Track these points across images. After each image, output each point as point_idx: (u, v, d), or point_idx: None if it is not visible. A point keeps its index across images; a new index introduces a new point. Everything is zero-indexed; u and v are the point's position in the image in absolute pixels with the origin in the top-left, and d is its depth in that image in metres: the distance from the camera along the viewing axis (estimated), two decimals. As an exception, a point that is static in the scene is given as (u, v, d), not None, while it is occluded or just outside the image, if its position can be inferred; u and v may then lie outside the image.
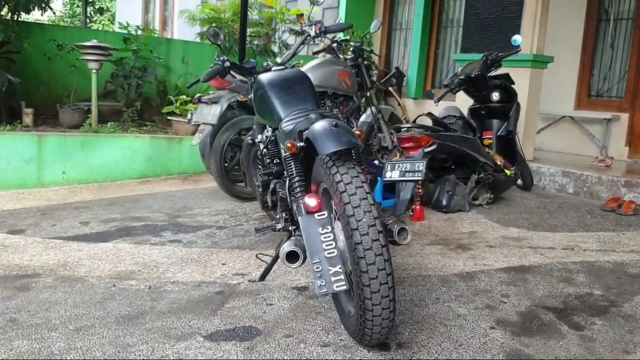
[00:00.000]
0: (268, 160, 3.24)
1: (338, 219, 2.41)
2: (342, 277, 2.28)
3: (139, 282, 3.17)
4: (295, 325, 2.66)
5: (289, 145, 2.53)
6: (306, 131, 2.53)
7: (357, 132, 2.48)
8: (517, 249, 3.84)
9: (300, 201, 2.53)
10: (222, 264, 3.47)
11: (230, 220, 4.43)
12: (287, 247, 2.46)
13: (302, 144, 2.55)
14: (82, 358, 2.33)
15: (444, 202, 4.65)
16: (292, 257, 2.45)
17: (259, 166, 4.00)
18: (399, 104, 8.12)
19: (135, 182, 5.86)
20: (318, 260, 2.29)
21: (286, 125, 2.78)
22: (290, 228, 2.90)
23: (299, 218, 2.35)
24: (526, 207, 5.08)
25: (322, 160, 2.38)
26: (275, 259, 3.14)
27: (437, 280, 3.25)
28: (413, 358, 2.38)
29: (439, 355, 2.41)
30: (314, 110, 2.78)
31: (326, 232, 2.32)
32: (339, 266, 2.29)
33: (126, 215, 4.59)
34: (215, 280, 3.21)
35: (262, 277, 3.19)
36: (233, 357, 2.36)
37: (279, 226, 2.94)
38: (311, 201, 2.32)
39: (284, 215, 2.93)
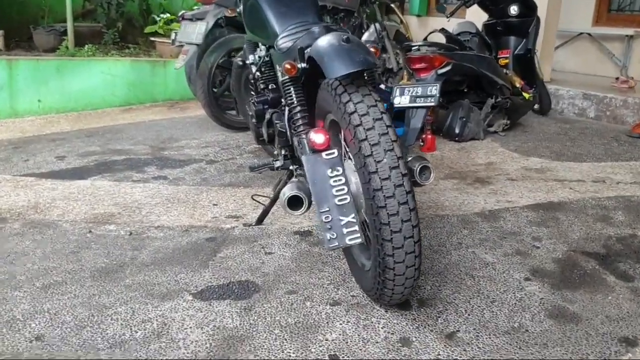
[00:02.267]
0: (262, 86, 2.78)
1: (350, 158, 1.99)
2: (356, 227, 1.88)
3: (118, 227, 2.77)
4: (299, 279, 2.28)
5: (287, 67, 2.06)
6: (309, 49, 2.06)
7: (372, 49, 2.01)
8: (542, 182, 3.45)
9: (304, 136, 2.09)
10: (214, 204, 3.06)
11: (222, 153, 4.00)
12: (288, 191, 2.05)
13: (304, 65, 2.09)
14: (48, 324, 1.95)
15: (457, 130, 4.22)
16: (294, 202, 2.04)
17: (252, 92, 3.55)
18: (401, 22, 7.53)
19: (117, 111, 5.38)
20: (327, 209, 1.88)
21: (283, 42, 2.30)
22: (290, 167, 2.47)
23: (303, 157, 1.92)
24: (545, 133, 4.65)
25: (330, 86, 1.93)
26: (274, 200, 2.74)
27: (456, 221, 2.86)
28: (440, 318, 2.02)
29: (468, 314, 2.05)
30: (317, 23, 2.30)
31: (336, 175, 1.90)
32: (352, 215, 1.89)
33: (106, 147, 4.14)
34: (205, 224, 2.81)
35: (259, 221, 2.79)
36: (228, 320, 2.00)
37: (277, 164, 2.52)
38: (318, 137, 1.88)
39: (282, 151, 2.50)
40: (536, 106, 5.01)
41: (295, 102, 2.14)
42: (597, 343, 1.90)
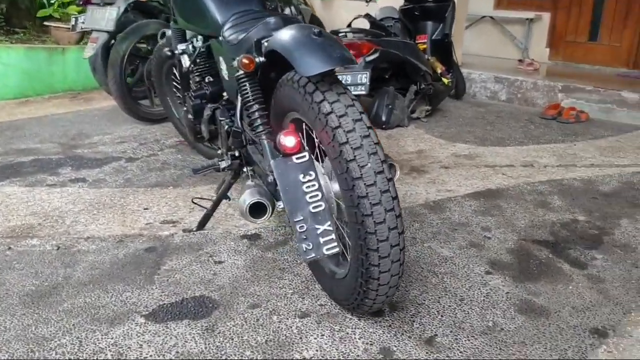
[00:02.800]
0: (198, 79, 2.56)
1: (319, 161, 1.86)
2: (332, 236, 1.76)
3: (42, 240, 2.47)
4: (259, 290, 2.12)
5: (245, 61, 1.88)
6: (268, 41, 1.89)
7: None
8: (475, 169, 3.47)
9: (265, 138, 1.93)
10: (144, 208, 2.81)
11: (141, 149, 3.70)
12: (248, 197, 1.88)
13: (261, 59, 1.92)
14: (-19, 369, 1.68)
15: (384, 118, 4.18)
16: (256, 210, 1.88)
17: (176, 84, 3.31)
18: (306, 3, 7.39)
19: (13, 104, 4.87)
20: (301, 218, 1.74)
21: (231, 33, 2.11)
22: (244, 169, 2.29)
23: (272, 162, 1.76)
24: (464, 118, 4.72)
25: (297, 83, 1.78)
26: (217, 203, 2.54)
27: (405, 215, 2.80)
28: (415, 322, 1.94)
29: (442, 316, 1.99)
30: (265, 12, 2.12)
31: (309, 180, 1.76)
32: (328, 223, 1.76)
33: (9, 147, 3.72)
34: (140, 232, 2.57)
35: (201, 226, 2.59)
36: (191, 344, 1.81)
37: (223, 164, 2.32)
38: (288, 140, 1.72)
39: (229, 151, 2.31)
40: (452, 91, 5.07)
41: (252, 99, 1.96)
42: (571, 337, 1.90)
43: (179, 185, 3.10)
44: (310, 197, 1.75)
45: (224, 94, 2.46)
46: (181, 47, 2.61)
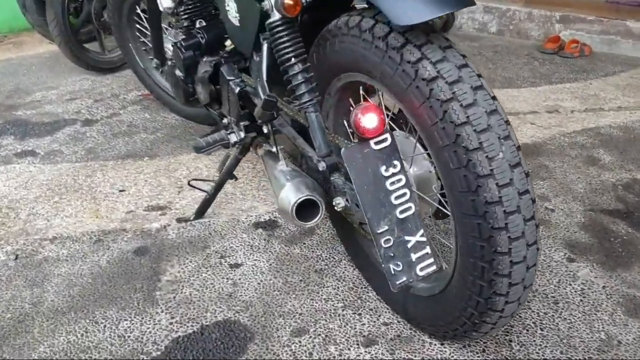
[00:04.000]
0: (187, 23, 1.94)
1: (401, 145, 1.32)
2: (428, 250, 1.26)
3: (-9, 247, 1.86)
4: (299, 306, 1.62)
5: (289, 2, 1.29)
6: None
7: None
8: (497, 118, 2.99)
9: (312, 111, 1.38)
10: (120, 190, 2.22)
11: (98, 107, 3.03)
12: (292, 193, 1.37)
13: (308, -1, 1.34)
14: None
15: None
16: (305, 209, 1.36)
17: (138, 26, 2.65)
18: None
19: None
20: (386, 228, 1.22)
21: None
22: (265, 146, 1.74)
23: (344, 152, 1.22)
24: (459, 54, 4.21)
25: (372, 34, 1.23)
26: (221, 184, 1.99)
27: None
28: (512, 342, 1.50)
29: (541, 329, 1.56)
30: None
31: (394, 174, 1.24)
32: (421, 232, 1.25)
33: None
34: (121, 225, 2.00)
35: (200, 214, 2.04)
36: (230, 402, 1.30)
37: (234, 138, 1.75)
38: (369, 119, 1.18)
39: (240, 121, 1.74)
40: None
41: (294, 56, 1.39)
42: None
43: (156, 155, 2.50)
44: (397, 198, 1.23)
45: (227, 43, 1.85)
46: None
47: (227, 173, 1.94)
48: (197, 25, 1.93)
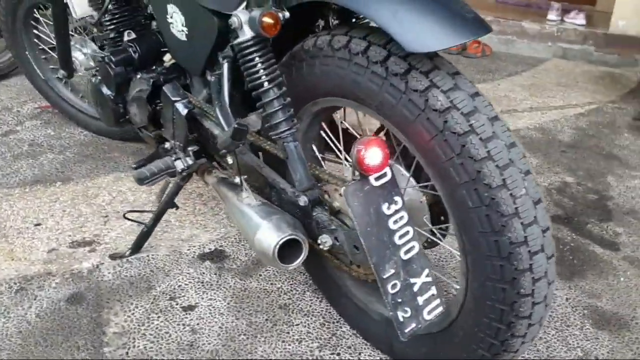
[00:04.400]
0: (113, 34, 1.72)
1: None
2: (434, 291, 1.17)
3: None
4: (271, 351, 1.47)
5: (269, 21, 1.14)
6: None
7: None
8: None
9: (291, 140, 1.24)
10: (35, 224, 1.94)
11: (-12, 123, 2.67)
12: (273, 232, 1.24)
13: (286, 14, 1.19)
14: None
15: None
16: (287, 249, 1.23)
17: (36, 32, 2.36)
18: None
19: None
20: (392, 272, 1.12)
21: None
22: (215, 172, 1.57)
23: (346, 190, 1.09)
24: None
25: (367, 58, 1.10)
26: (161, 214, 1.78)
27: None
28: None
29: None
30: None
31: (396, 211, 1.13)
32: (426, 272, 1.15)
33: None
34: (46, 267, 1.74)
35: (137, 248, 1.82)
36: None
37: (181, 166, 1.57)
38: (373, 154, 1.06)
39: (187, 146, 1.56)
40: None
41: (270, 80, 1.23)
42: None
43: (69, 179, 2.22)
44: (400, 237, 1.13)
45: (165, 58, 1.65)
46: None
47: (168, 202, 1.74)
48: (126, 37, 1.71)
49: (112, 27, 1.71)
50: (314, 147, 1.46)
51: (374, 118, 1.19)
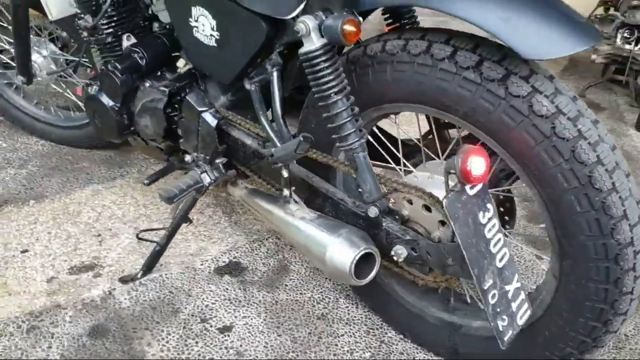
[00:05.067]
0: (110, 39, 1.57)
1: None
2: (523, 296, 1.16)
3: None
4: (328, 367, 1.42)
5: (350, 29, 1.07)
6: None
7: None
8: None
9: (360, 150, 1.19)
10: (22, 251, 1.76)
11: None
12: (348, 249, 1.20)
13: (360, 20, 1.13)
14: None
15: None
16: (363, 264, 1.19)
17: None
18: None
19: None
20: (491, 282, 1.10)
21: None
22: (241, 183, 1.48)
23: (447, 201, 1.05)
24: None
25: (454, 62, 1.07)
26: (175, 230, 1.66)
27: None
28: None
29: None
30: None
31: (489, 219, 1.11)
32: (516, 278, 1.15)
33: None
34: (52, 300, 1.58)
35: (149, 269, 1.69)
36: None
37: (208, 180, 1.47)
38: (477, 164, 1.03)
39: (215, 158, 1.47)
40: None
41: (338, 94, 1.16)
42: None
43: (42, 196, 2.02)
44: (495, 245, 1.11)
45: (179, 63, 1.52)
46: None
47: (183, 217, 1.63)
48: (126, 41, 1.56)
49: (110, 30, 1.55)
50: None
51: (456, 124, 1.16)
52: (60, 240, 1.81)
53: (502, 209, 1.36)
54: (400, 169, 1.37)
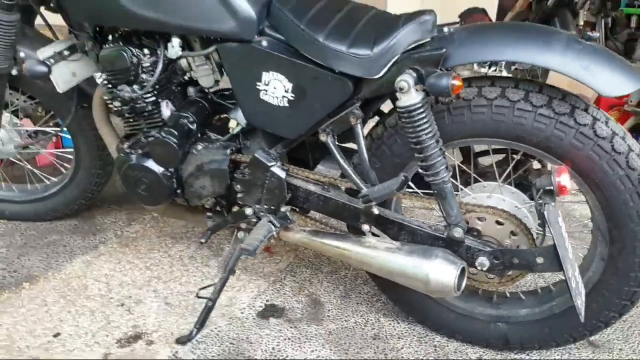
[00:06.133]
0: (151, 107, 1.63)
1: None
2: (580, 279, 1.49)
3: None
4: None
5: (457, 83, 1.30)
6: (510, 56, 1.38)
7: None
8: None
9: (447, 182, 1.43)
10: (54, 335, 1.68)
11: None
12: (449, 267, 1.43)
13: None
14: None
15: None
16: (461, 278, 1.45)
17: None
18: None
19: None
20: (571, 271, 1.41)
21: (330, 34, 1.43)
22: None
23: (548, 212, 1.33)
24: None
25: (532, 104, 1.37)
26: (225, 282, 1.73)
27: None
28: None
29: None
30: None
31: (562, 222, 1.43)
32: (576, 265, 1.48)
33: None
34: (121, 375, 1.56)
35: (202, 325, 1.73)
36: None
37: (274, 229, 1.60)
38: (567, 179, 1.34)
39: (280, 207, 1.61)
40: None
41: (432, 139, 1.38)
42: None
43: (33, 277, 1.92)
44: (567, 241, 1.43)
45: (231, 124, 1.60)
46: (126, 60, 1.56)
47: (232, 270, 1.70)
48: (166, 108, 1.61)
49: (152, 98, 1.58)
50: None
51: (526, 152, 1.45)
52: (86, 317, 1.75)
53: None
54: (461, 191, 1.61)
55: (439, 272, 1.41)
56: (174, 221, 2.24)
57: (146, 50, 1.56)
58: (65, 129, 1.94)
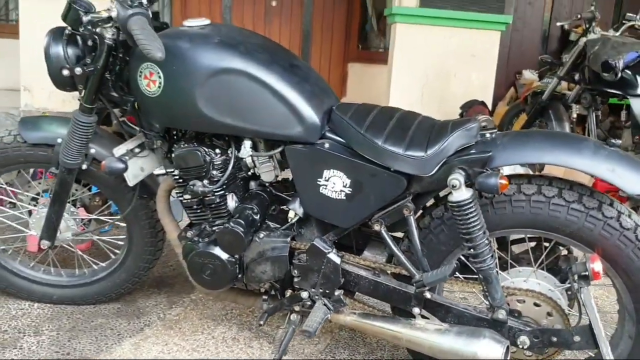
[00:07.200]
0: (218, 200, 1.80)
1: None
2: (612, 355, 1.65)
3: None
4: None
5: (504, 182, 1.51)
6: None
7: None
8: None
9: (493, 269, 1.61)
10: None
11: None
12: (497, 345, 1.60)
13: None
14: None
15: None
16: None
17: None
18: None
19: None
20: (606, 345, 1.58)
21: (388, 138, 1.64)
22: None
23: (585, 296, 1.52)
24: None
25: (566, 200, 1.57)
26: (279, 364, 1.85)
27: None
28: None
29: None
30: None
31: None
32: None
33: None
34: None
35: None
36: None
37: (328, 312, 1.75)
38: (599, 266, 1.53)
39: (334, 291, 1.76)
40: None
41: (479, 230, 1.58)
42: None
43: (100, 351, 2.01)
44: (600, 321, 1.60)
45: (290, 215, 1.77)
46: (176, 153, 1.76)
47: (284, 350, 1.83)
48: (232, 200, 1.78)
49: (222, 192, 1.76)
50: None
51: (558, 240, 1.64)
52: (145, 398, 1.84)
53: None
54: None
55: (487, 350, 1.56)
56: (213, 304, 2.36)
57: (217, 150, 1.74)
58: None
